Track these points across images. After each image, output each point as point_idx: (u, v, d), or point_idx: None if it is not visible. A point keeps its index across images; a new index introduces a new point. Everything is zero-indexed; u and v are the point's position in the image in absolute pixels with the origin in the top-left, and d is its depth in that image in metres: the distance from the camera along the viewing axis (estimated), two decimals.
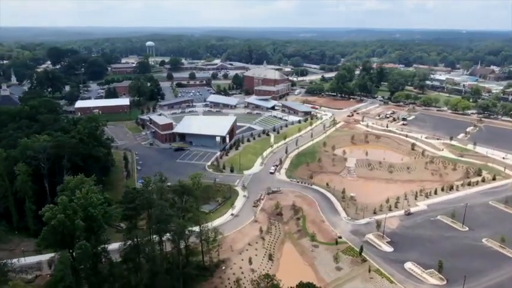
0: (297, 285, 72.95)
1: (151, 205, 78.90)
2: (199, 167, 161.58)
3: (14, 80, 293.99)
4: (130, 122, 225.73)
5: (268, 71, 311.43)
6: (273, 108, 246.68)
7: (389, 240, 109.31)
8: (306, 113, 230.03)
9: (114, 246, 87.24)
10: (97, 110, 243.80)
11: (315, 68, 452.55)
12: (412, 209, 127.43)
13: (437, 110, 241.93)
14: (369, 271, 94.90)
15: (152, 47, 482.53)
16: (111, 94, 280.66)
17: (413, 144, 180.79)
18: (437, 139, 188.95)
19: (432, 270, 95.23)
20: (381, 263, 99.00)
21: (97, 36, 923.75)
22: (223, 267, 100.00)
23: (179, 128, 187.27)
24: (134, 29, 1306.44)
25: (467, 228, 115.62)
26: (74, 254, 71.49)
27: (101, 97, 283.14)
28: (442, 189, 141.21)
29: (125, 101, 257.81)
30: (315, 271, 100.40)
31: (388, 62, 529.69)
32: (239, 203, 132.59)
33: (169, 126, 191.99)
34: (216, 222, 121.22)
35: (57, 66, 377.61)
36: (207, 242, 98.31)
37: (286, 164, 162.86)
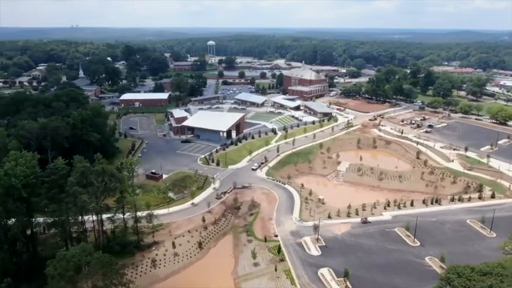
0: None
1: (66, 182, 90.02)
2: (192, 159, 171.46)
3: (81, 73, 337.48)
4: (160, 115, 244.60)
5: (305, 71, 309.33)
6: (297, 108, 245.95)
7: (323, 244, 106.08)
8: (325, 115, 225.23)
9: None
10: (138, 103, 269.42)
11: (373, 70, 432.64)
12: (374, 218, 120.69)
13: (476, 119, 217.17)
14: (276, 270, 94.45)
15: (213, 46, 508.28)
16: (158, 89, 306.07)
17: (418, 153, 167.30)
18: (454, 149, 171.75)
19: (345, 278, 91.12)
20: (296, 265, 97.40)
21: (190, 36, 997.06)
22: (153, 248, 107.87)
23: (188, 122, 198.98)
24: (227, 29, 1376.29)
25: (418, 244, 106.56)
26: None
27: (150, 91, 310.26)
28: (424, 202, 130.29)
29: (163, 95, 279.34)
30: (235, 264, 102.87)
31: (466, 65, 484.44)
32: (205, 193, 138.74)
33: (183, 119, 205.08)
34: (175, 208, 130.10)
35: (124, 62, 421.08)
36: (137, 223, 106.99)
37: (272, 163, 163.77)
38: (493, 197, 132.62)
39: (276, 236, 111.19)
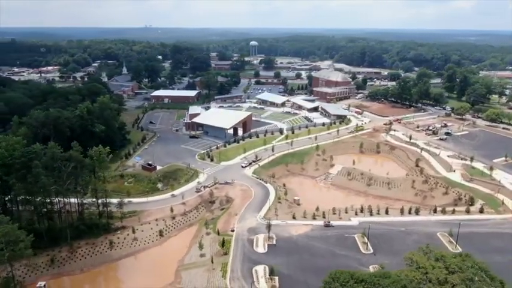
0: None
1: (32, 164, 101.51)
2: (192, 153, 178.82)
3: (124, 70, 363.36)
4: (183, 111, 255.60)
5: (332, 73, 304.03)
6: (315, 109, 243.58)
7: (273, 243, 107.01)
8: (339, 117, 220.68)
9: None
10: (167, 99, 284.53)
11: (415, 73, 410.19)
12: (339, 222, 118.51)
13: (504, 128, 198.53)
14: (212, 262, 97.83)
15: (255, 47, 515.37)
16: (190, 86, 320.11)
17: (417, 160, 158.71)
18: (461, 159, 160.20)
19: (275, 278, 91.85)
20: (236, 259, 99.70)
21: (253, 36, 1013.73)
22: (118, 232, 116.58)
23: (197, 118, 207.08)
24: (292, 30, 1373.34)
25: (370, 252, 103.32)
26: None
27: (183, 88, 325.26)
28: (401, 211, 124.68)
29: (191, 92, 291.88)
30: (186, 252, 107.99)
31: None
32: (188, 186, 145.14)
33: (195, 116, 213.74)
34: (154, 198, 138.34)
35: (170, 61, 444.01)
36: (106, 208, 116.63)
37: (264, 161, 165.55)
38: (481, 211, 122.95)
39: (233, 231, 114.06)
